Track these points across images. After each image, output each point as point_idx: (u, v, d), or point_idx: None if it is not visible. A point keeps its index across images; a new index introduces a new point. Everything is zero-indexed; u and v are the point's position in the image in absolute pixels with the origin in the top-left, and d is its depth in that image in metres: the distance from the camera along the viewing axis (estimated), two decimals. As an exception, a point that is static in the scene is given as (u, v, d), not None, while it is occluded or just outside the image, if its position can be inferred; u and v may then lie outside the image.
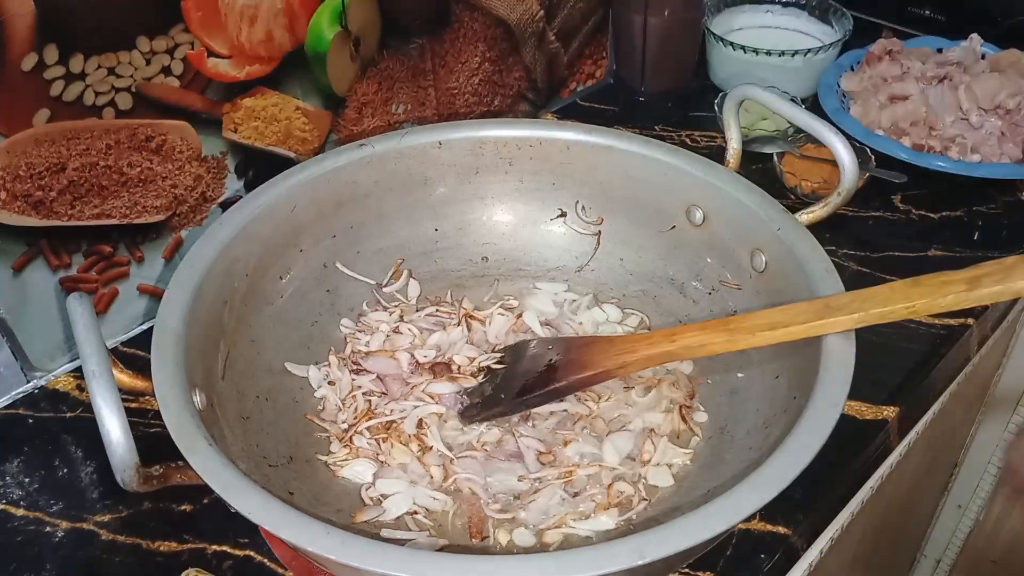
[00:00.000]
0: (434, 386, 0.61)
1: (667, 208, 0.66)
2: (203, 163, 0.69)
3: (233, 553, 0.54)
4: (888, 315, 0.45)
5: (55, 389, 0.66)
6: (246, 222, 0.59)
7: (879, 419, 0.62)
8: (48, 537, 0.56)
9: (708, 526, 0.40)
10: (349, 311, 0.67)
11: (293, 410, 0.59)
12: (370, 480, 0.56)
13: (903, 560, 1.17)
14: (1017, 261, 0.43)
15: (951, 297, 0.44)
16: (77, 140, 0.61)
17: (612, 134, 0.67)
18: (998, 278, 0.43)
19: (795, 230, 0.57)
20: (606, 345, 0.56)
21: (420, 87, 0.81)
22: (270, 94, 0.70)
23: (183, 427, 0.44)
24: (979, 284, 0.43)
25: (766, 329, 0.48)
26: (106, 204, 0.65)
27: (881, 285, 0.47)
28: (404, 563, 0.39)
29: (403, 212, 0.69)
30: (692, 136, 0.90)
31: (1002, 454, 1.04)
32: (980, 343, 0.75)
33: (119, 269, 0.68)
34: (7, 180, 0.59)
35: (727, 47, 0.92)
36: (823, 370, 0.47)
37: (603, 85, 1.00)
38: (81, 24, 0.58)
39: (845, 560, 0.78)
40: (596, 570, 0.38)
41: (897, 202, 0.81)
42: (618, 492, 0.54)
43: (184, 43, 0.63)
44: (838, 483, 0.60)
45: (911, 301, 0.44)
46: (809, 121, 0.60)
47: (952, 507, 1.14)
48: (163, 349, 0.49)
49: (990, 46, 0.89)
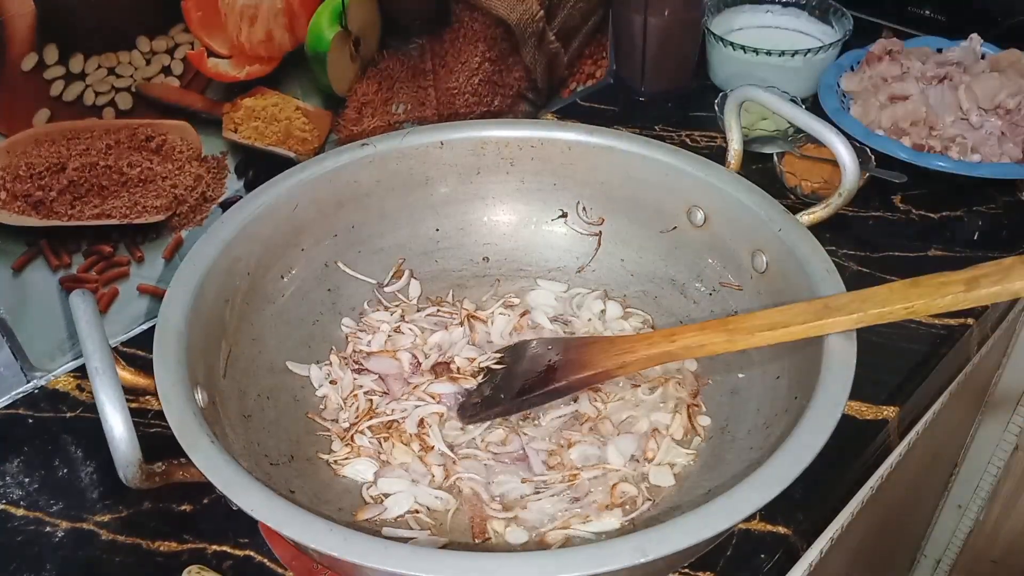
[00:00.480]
0: (435, 386, 0.61)
1: (668, 209, 0.66)
2: (203, 163, 0.69)
3: (233, 553, 0.54)
4: (887, 315, 0.45)
5: (55, 389, 0.66)
6: (247, 221, 0.59)
7: (879, 419, 0.62)
8: (48, 537, 0.56)
9: (709, 525, 0.40)
10: (350, 310, 0.67)
11: (294, 409, 0.59)
12: (371, 479, 0.56)
13: (903, 560, 1.17)
14: (1015, 262, 0.43)
15: (949, 298, 0.44)
16: (77, 140, 0.61)
17: (613, 135, 0.67)
18: (996, 279, 0.43)
19: (796, 231, 0.57)
20: (606, 345, 0.56)
21: (420, 87, 0.81)
22: (270, 94, 0.70)
23: (185, 425, 0.44)
24: (977, 285, 0.43)
25: (765, 329, 0.48)
26: (106, 204, 0.65)
27: (880, 286, 0.47)
28: (406, 560, 0.39)
29: (404, 212, 0.69)
30: (692, 136, 0.90)
31: (1002, 454, 1.04)
32: (980, 343, 0.75)
33: (119, 269, 0.67)
34: (7, 180, 0.59)
35: (727, 47, 0.92)
36: (824, 370, 0.48)
37: (603, 85, 1.00)
38: (81, 24, 0.58)
39: (845, 560, 0.78)
40: (598, 568, 0.38)
41: (897, 202, 0.81)
42: (622, 493, 0.54)
43: (184, 43, 0.63)
44: (838, 483, 0.60)
45: (910, 302, 0.45)
46: (809, 121, 0.60)
47: (952, 507, 1.14)
48: (165, 347, 0.49)
49: (990, 46, 0.89)
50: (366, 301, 0.67)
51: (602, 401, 0.60)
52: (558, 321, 0.67)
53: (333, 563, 0.45)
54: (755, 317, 0.50)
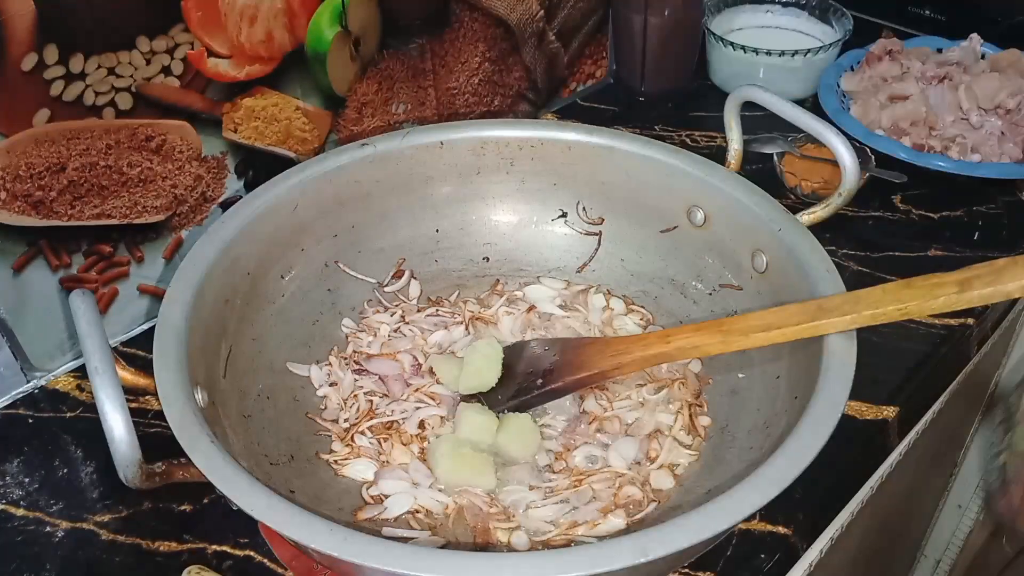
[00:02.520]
0: (436, 387, 0.61)
1: (668, 209, 0.66)
2: (203, 163, 0.69)
3: (233, 553, 0.54)
4: (880, 316, 0.45)
5: (55, 389, 0.66)
6: (248, 221, 0.59)
7: (879, 419, 0.62)
8: (48, 537, 0.56)
9: (710, 525, 0.40)
10: (350, 310, 0.67)
11: (294, 409, 0.59)
12: (371, 479, 0.56)
13: (903, 560, 1.17)
14: (1008, 263, 0.43)
15: (942, 299, 0.44)
16: (77, 140, 0.61)
17: (613, 135, 0.67)
18: (989, 280, 0.43)
19: (796, 230, 0.57)
20: (602, 346, 0.56)
21: (420, 87, 0.81)
22: (270, 94, 0.70)
23: (185, 424, 0.44)
24: (970, 286, 0.43)
25: (760, 331, 0.48)
26: (106, 204, 0.65)
27: (874, 287, 0.47)
28: (406, 560, 0.39)
29: (404, 212, 0.69)
30: (692, 136, 0.90)
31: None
32: (980, 343, 0.75)
33: (119, 269, 0.67)
34: (7, 180, 0.59)
35: (727, 47, 0.92)
36: (824, 370, 0.48)
37: (603, 85, 1.00)
38: (81, 24, 0.58)
39: (845, 560, 0.78)
40: (598, 568, 0.38)
41: (897, 202, 0.81)
42: (626, 496, 0.54)
43: (184, 43, 0.63)
44: (838, 483, 0.60)
45: (903, 303, 0.45)
46: (809, 121, 0.60)
47: (952, 507, 1.14)
48: (165, 347, 0.49)
49: (990, 46, 0.89)
50: (366, 301, 0.67)
51: (608, 400, 0.60)
52: (567, 308, 0.67)
53: (333, 563, 0.45)
54: (750, 318, 0.50)
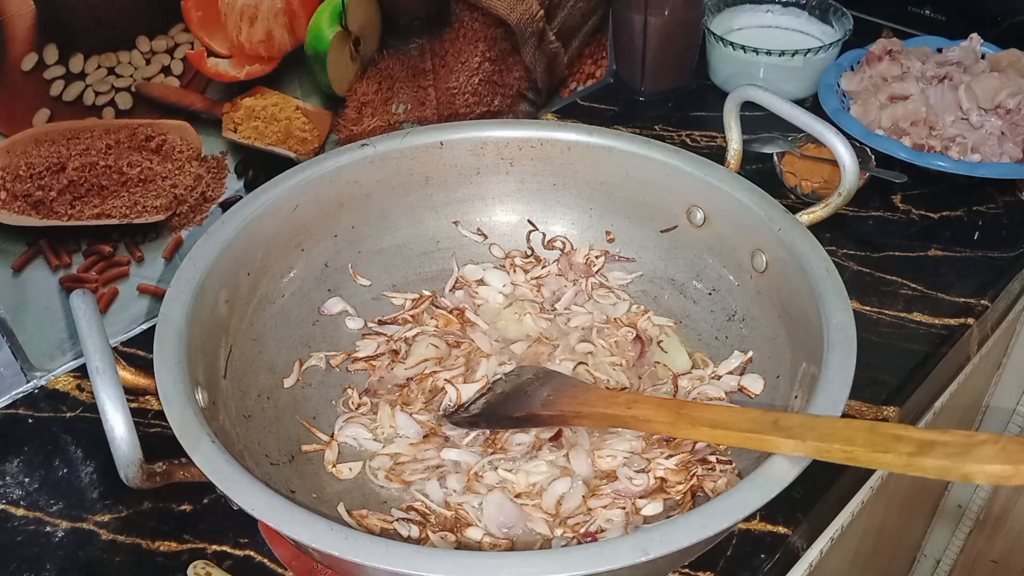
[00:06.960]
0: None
1: (668, 208, 0.66)
2: (203, 163, 0.69)
3: (233, 553, 0.54)
4: (824, 452, 0.42)
5: (55, 389, 0.66)
6: (248, 221, 0.59)
7: (879, 419, 0.62)
8: (48, 537, 0.56)
9: (710, 524, 0.40)
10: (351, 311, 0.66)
11: (294, 409, 0.59)
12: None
13: (903, 560, 1.17)
14: (987, 441, 0.38)
15: (890, 456, 0.40)
16: (77, 140, 0.61)
17: (613, 135, 0.67)
18: (952, 452, 0.38)
19: (796, 230, 0.57)
20: (574, 391, 0.56)
21: (420, 87, 0.81)
22: (270, 94, 0.70)
23: (186, 424, 0.45)
24: (928, 453, 0.39)
25: (707, 426, 0.46)
26: (106, 204, 0.65)
27: (837, 419, 0.44)
28: (406, 560, 0.39)
29: (404, 212, 0.69)
30: (692, 136, 0.90)
31: None
32: (980, 343, 0.75)
33: (119, 269, 0.67)
34: (7, 180, 0.59)
35: (727, 47, 0.92)
36: (824, 370, 0.48)
37: (603, 85, 1.00)
38: (81, 24, 0.58)
39: (845, 560, 0.78)
40: (598, 567, 0.38)
41: (897, 202, 0.81)
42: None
43: (184, 43, 0.63)
44: (838, 483, 0.60)
45: (851, 446, 0.41)
46: (809, 121, 0.60)
47: (952, 507, 1.14)
48: (166, 347, 0.49)
49: (990, 46, 0.89)
50: (365, 301, 0.67)
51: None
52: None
53: (334, 563, 0.45)
54: (707, 409, 0.49)
